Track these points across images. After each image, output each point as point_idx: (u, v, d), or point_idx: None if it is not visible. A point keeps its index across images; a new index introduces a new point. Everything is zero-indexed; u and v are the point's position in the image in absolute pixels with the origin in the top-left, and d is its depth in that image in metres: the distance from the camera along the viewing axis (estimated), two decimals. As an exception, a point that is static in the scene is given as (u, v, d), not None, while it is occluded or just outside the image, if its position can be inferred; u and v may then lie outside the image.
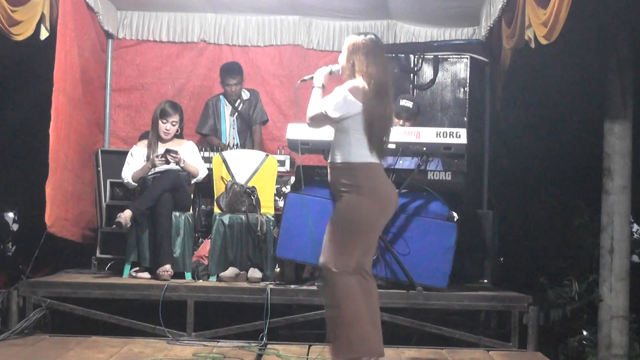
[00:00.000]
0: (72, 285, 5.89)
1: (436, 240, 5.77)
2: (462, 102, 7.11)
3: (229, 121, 7.57)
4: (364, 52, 4.58)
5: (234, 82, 7.46)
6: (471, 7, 7.35)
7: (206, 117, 7.59)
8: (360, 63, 4.57)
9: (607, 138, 6.07)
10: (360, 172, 4.50)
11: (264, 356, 5.18)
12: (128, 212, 6.17)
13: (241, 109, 7.58)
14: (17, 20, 5.54)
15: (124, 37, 8.06)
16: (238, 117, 7.57)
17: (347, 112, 4.50)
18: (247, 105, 7.61)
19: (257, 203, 6.36)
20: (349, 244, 4.49)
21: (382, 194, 4.55)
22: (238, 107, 7.57)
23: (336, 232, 4.52)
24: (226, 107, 7.58)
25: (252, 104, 7.62)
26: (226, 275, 6.23)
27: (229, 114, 7.57)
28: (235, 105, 7.55)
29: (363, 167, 4.51)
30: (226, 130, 7.54)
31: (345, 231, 4.51)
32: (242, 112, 7.56)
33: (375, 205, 4.51)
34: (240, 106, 7.59)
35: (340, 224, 4.53)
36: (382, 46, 4.74)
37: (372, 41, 4.63)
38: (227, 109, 7.58)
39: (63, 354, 5.07)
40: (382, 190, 4.56)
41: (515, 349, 5.63)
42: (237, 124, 7.57)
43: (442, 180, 5.95)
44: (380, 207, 4.53)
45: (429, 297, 5.71)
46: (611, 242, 6.01)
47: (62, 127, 6.51)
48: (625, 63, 6.01)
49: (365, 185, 4.49)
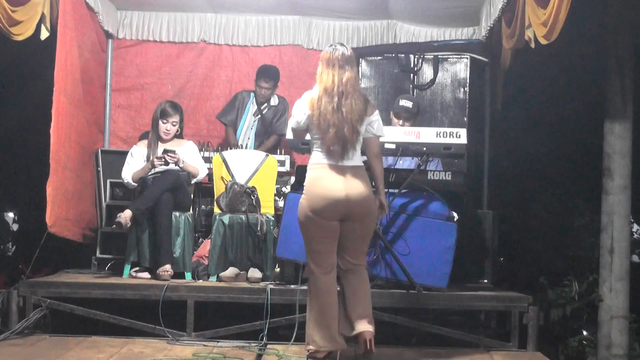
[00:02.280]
0: (72, 285, 5.89)
1: (436, 240, 5.76)
2: (462, 102, 7.11)
3: (249, 120, 7.58)
4: (320, 63, 4.81)
5: (267, 86, 7.50)
6: (471, 7, 7.35)
7: (231, 108, 7.66)
8: (317, 74, 4.80)
9: (607, 138, 6.07)
10: (308, 174, 4.82)
11: (264, 356, 5.18)
12: (128, 212, 6.17)
13: (265, 113, 7.60)
14: (17, 20, 5.54)
15: (124, 37, 8.06)
16: (260, 120, 7.58)
17: (298, 119, 4.82)
18: (272, 111, 7.62)
19: (257, 203, 6.36)
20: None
21: (313, 194, 4.73)
22: (263, 110, 7.58)
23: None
24: (252, 105, 7.60)
25: (279, 112, 7.63)
26: (226, 275, 6.23)
27: (252, 113, 7.59)
28: (261, 107, 7.57)
29: (310, 169, 4.82)
30: (244, 128, 7.55)
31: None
32: (265, 116, 7.58)
33: (305, 204, 4.76)
34: (266, 110, 7.60)
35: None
36: (340, 55, 4.77)
37: (327, 52, 4.80)
38: (252, 108, 7.60)
39: (63, 354, 5.07)
40: (315, 190, 4.73)
41: (515, 349, 5.63)
42: (257, 126, 7.58)
43: (442, 180, 5.94)
44: (310, 207, 4.73)
45: (429, 297, 5.71)
46: (611, 242, 6.01)
47: (63, 127, 6.51)
48: (625, 63, 6.01)
49: (306, 186, 4.81)
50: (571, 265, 6.87)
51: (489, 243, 6.67)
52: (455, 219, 5.83)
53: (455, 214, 5.85)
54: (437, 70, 7.16)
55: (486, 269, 6.58)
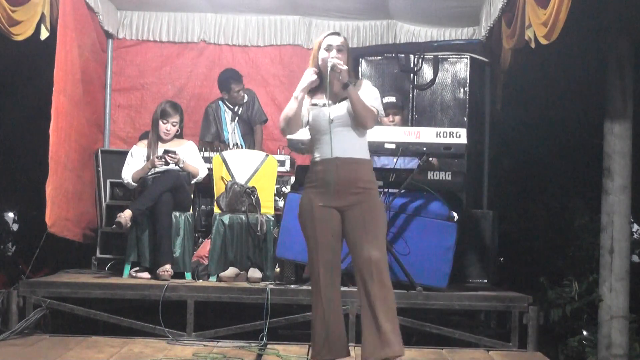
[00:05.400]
0: (72, 285, 5.89)
1: (436, 240, 5.76)
2: (462, 102, 7.11)
3: (230, 127, 7.56)
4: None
5: (239, 88, 7.47)
6: (471, 7, 7.35)
7: (208, 124, 7.56)
8: (351, 70, 4.63)
9: (607, 138, 6.07)
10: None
11: (264, 356, 5.18)
12: (128, 212, 6.17)
13: (241, 112, 7.58)
14: (17, 20, 5.54)
15: (124, 37, 8.06)
16: (239, 122, 7.57)
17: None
18: (245, 107, 7.61)
19: (257, 203, 6.36)
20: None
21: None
22: (238, 112, 7.57)
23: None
24: (226, 113, 7.57)
25: (250, 105, 7.61)
26: (226, 275, 6.23)
27: (229, 120, 7.57)
28: (235, 110, 7.55)
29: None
30: (229, 136, 7.52)
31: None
32: (242, 116, 7.57)
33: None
34: (240, 110, 7.59)
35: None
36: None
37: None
38: (227, 115, 7.56)
39: (63, 354, 5.06)
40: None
41: (515, 349, 5.62)
42: (240, 128, 7.57)
43: (442, 180, 5.95)
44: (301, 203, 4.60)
45: (429, 297, 5.71)
46: (611, 242, 6.01)
47: (63, 127, 6.51)
48: (625, 63, 6.01)
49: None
50: (571, 265, 6.88)
51: (489, 243, 6.67)
52: (455, 219, 5.83)
53: (455, 214, 5.85)
54: (437, 70, 7.17)
55: (486, 269, 6.58)
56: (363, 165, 4.52)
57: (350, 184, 4.45)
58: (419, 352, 5.46)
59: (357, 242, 4.43)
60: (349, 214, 4.46)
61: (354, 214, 4.44)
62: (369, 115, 4.48)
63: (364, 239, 4.41)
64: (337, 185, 4.44)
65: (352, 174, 4.46)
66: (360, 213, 4.44)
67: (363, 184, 4.47)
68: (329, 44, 4.56)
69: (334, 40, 4.58)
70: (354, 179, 4.46)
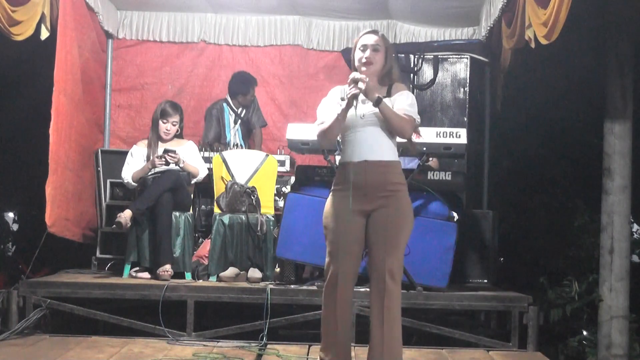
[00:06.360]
0: (72, 285, 5.89)
1: (436, 240, 5.76)
2: (462, 102, 7.11)
3: (233, 130, 7.57)
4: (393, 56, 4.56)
5: (252, 92, 7.51)
6: (471, 7, 7.35)
7: (211, 126, 7.56)
8: (395, 68, 4.53)
9: (607, 138, 6.06)
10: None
11: (264, 356, 5.18)
12: (128, 212, 6.18)
13: (244, 115, 7.60)
14: (17, 20, 5.54)
15: (124, 37, 8.06)
16: (241, 124, 7.58)
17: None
18: (247, 110, 7.62)
19: (257, 203, 6.36)
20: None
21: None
22: (241, 114, 7.58)
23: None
24: (230, 115, 7.58)
25: (253, 108, 7.64)
26: (226, 275, 6.23)
27: (232, 122, 7.58)
28: (238, 112, 7.56)
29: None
30: (231, 138, 7.52)
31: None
32: (243, 119, 7.58)
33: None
34: (243, 113, 7.60)
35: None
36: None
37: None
38: (230, 118, 7.58)
39: (63, 354, 5.07)
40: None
41: (515, 349, 5.63)
42: (241, 130, 7.58)
43: (442, 180, 5.95)
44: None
45: (429, 297, 5.71)
46: (611, 242, 6.01)
47: (63, 127, 6.51)
48: (625, 63, 6.01)
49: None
50: (571, 265, 6.87)
51: (489, 243, 6.66)
52: (455, 219, 5.83)
53: (455, 214, 5.85)
54: (437, 70, 7.17)
55: (486, 269, 6.58)
56: (392, 167, 4.42)
57: (378, 188, 4.36)
58: (419, 352, 5.46)
59: (378, 250, 4.34)
60: (375, 216, 4.37)
61: (379, 218, 4.36)
62: (405, 126, 4.37)
63: (384, 249, 4.33)
64: (365, 189, 4.36)
65: (380, 177, 4.37)
66: (385, 217, 4.35)
67: (392, 187, 4.38)
68: (364, 43, 4.46)
69: (369, 39, 4.47)
70: (383, 181, 4.37)
